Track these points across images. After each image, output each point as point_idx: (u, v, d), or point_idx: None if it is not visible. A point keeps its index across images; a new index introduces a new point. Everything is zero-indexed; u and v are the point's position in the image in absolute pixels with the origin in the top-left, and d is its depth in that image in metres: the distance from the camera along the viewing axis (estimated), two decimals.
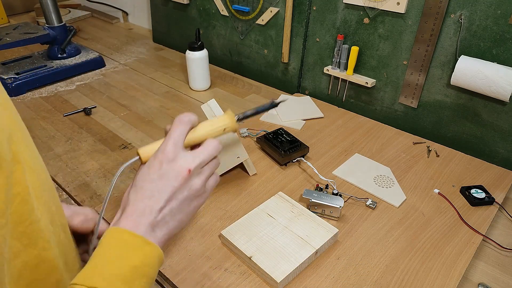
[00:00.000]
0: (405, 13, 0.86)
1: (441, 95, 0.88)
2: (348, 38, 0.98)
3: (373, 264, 0.60)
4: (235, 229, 0.62)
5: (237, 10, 1.18)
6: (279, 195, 0.70)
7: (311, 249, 0.59)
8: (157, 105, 1.09)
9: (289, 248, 0.59)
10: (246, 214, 0.66)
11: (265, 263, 0.57)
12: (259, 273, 0.58)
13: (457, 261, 0.61)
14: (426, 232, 0.66)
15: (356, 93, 1.03)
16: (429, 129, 0.93)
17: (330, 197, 0.68)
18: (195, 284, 0.56)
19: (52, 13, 1.22)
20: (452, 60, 0.84)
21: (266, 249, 0.59)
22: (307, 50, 1.08)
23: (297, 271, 0.58)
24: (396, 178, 0.78)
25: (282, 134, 0.85)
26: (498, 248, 0.65)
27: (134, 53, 1.44)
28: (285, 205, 0.68)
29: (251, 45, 1.21)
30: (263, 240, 0.61)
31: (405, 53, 0.90)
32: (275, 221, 0.64)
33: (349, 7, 0.95)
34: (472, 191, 0.73)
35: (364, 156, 0.85)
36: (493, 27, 0.76)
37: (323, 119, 1.00)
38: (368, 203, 0.71)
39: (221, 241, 0.63)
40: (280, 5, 1.07)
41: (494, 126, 0.83)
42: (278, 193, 0.71)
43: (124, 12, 1.73)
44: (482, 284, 0.59)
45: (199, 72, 1.14)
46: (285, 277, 0.55)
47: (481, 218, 0.69)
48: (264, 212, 0.66)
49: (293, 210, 0.67)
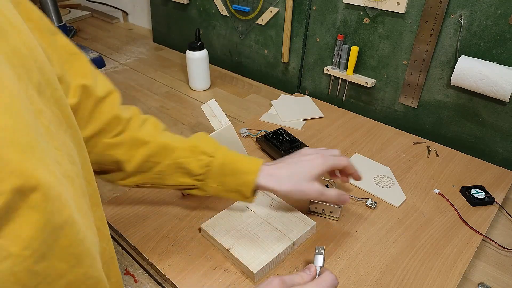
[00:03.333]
0: (405, 13, 0.86)
1: (441, 95, 0.88)
2: (348, 38, 0.98)
3: (373, 264, 0.60)
4: (214, 223, 0.64)
5: (237, 10, 1.18)
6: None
7: (288, 241, 0.60)
8: (157, 105, 1.09)
9: (267, 240, 0.61)
10: (225, 208, 0.67)
11: (242, 255, 0.58)
12: (237, 265, 0.59)
13: (457, 261, 0.61)
14: (426, 232, 0.66)
15: (356, 93, 1.03)
16: (429, 129, 0.93)
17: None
18: (195, 284, 0.56)
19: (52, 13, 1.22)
20: (452, 60, 0.84)
21: (245, 242, 0.60)
22: (307, 50, 1.08)
23: (274, 263, 0.58)
24: (396, 178, 0.78)
25: (282, 134, 0.85)
26: (498, 248, 0.65)
27: (134, 53, 1.44)
28: (265, 199, 0.69)
29: (251, 45, 1.21)
30: (242, 233, 0.62)
31: (405, 53, 0.90)
32: (255, 214, 0.66)
33: (349, 7, 0.95)
34: (472, 191, 0.73)
35: (364, 156, 0.85)
36: (493, 27, 0.76)
37: (323, 119, 1.00)
38: (368, 203, 0.71)
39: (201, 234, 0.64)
40: (280, 5, 1.07)
41: (494, 126, 0.83)
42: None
43: (124, 12, 1.73)
44: (482, 284, 0.59)
45: (199, 72, 1.14)
46: (262, 268, 0.56)
47: (481, 218, 0.69)
48: (244, 206, 0.67)
49: (273, 203, 0.68)
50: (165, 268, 0.59)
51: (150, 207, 0.70)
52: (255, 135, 0.91)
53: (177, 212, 0.69)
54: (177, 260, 0.60)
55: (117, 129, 0.56)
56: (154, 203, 0.71)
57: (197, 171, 0.58)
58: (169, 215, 0.68)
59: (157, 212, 0.69)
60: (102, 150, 0.56)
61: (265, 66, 1.20)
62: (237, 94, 1.17)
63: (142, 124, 0.59)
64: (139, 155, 0.57)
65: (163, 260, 0.60)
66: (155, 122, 0.61)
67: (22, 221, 0.25)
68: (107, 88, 0.55)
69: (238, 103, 1.11)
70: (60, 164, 0.30)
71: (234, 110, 1.07)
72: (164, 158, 0.58)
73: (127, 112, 0.58)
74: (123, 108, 0.57)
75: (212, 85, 1.21)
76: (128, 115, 0.57)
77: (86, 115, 0.52)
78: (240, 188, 0.59)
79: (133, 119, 0.58)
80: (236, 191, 0.59)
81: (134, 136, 0.57)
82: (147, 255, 0.60)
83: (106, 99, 0.54)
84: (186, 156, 0.58)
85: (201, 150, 0.58)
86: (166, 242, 0.63)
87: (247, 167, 0.59)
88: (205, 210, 0.69)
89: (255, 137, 0.90)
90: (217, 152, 0.59)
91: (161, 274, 0.58)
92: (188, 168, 0.58)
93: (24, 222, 0.25)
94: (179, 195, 0.73)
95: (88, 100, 0.52)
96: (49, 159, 0.28)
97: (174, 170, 0.58)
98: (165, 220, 0.67)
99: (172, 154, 0.58)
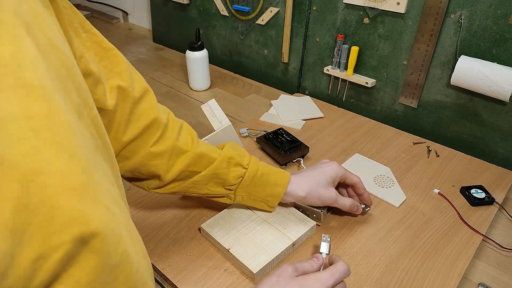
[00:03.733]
0: (405, 13, 0.86)
1: (441, 95, 0.88)
2: (348, 38, 0.98)
3: (373, 264, 0.60)
4: (214, 223, 0.64)
5: (237, 10, 1.18)
6: None
7: (288, 241, 0.61)
8: None
9: (266, 240, 0.61)
10: (225, 208, 0.67)
11: (242, 254, 0.58)
12: (237, 265, 0.59)
13: (457, 261, 0.61)
14: (426, 232, 0.66)
15: (356, 93, 1.03)
16: (429, 129, 0.93)
17: None
18: (195, 284, 0.56)
19: None
20: (452, 60, 0.84)
21: (244, 242, 0.60)
22: (307, 50, 1.08)
23: (273, 263, 0.59)
24: (396, 178, 0.78)
25: (282, 134, 0.85)
26: (498, 248, 0.65)
27: (134, 53, 1.44)
28: None
29: (251, 45, 1.21)
30: (242, 233, 0.62)
31: (405, 53, 0.90)
32: (255, 214, 0.66)
33: (349, 7, 0.95)
34: (472, 191, 0.73)
35: (364, 156, 0.85)
36: (493, 27, 0.76)
37: (323, 119, 1.00)
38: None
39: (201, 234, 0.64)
40: (280, 5, 1.07)
41: (494, 126, 0.83)
42: None
43: (124, 12, 1.73)
44: (482, 284, 0.59)
45: (199, 72, 1.14)
46: (262, 268, 0.56)
47: (481, 218, 0.69)
48: (244, 206, 0.67)
49: None
50: (165, 268, 0.59)
51: (150, 207, 0.70)
52: (255, 135, 0.91)
53: (177, 212, 0.69)
54: (177, 260, 0.60)
55: (157, 134, 0.54)
56: (154, 203, 0.71)
57: (232, 182, 0.59)
58: (169, 215, 0.68)
59: (157, 212, 0.69)
60: (143, 159, 0.54)
61: (265, 66, 1.20)
62: (237, 94, 1.17)
63: (179, 131, 0.57)
64: (178, 165, 0.56)
65: (163, 260, 0.60)
66: (188, 128, 0.60)
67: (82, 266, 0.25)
68: (142, 86, 0.52)
69: (238, 103, 1.11)
70: (110, 192, 0.28)
71: (234, 110, 1.07)
72: (202, 168, 0.57)
73: (163, 115, 0.55)
74: (160, 108, 0.55)
75: (212, 85, 1.21)
76: (165, 119, 0.55)
77: (125, 118, 0.50)
78: (268, 199, 0.62)
79: (170, 124, 0.56)
80: (263, 201, 0.62)
81: (174, 145, 0.55)
82: None
83: (142, 99, 0.52)
84: (223, 167, 0.58)
85: (236, 161, 0.59)
86: (166, 242, 0.63)
87: (278, 180, 0.61)
88: (205, 210, 0.69)
89: (255, 137, 0.90)
90: (251, 163, 0.60)
91: (161, 274, 0.58)
92: (224, 179, 0.58)
93: (83, 267, 0.25)
94: (179, 195, 0.73)
95: (125, 102, 0.50)
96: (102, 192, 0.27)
97: (209, 180, 0.58)
98: (165, 220, 0.67)
99: (210, 165, 0.57)
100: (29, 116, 0.23)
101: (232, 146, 0.61)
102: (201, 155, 0.57)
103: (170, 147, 0.55)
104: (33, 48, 0.25)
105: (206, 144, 0.60)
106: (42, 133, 0.23)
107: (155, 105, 0.54)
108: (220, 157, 0.58)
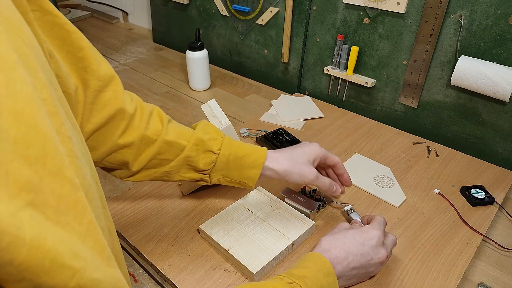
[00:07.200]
0: (405, 13, 0.86)
1: (441, 95, 0.88)
2: (348, 38, 0.98)
3: None
4: (213, 223, 0.64)
5: (237, 10, 1.18)
6: (258, 190, 0.71)
7: (287, 241, 0.61)
8: (157, 105, 1.07)
9: (266, 240, 0.61)
10: (224, 209, 0.67)
11: (241, 255, 0.58)
12: (236, 266, 0.59)
13: (457, 261, 0.61)
14: (426, 232, 0.66)
15: (356, 93, 1.03)
16: (429, 129, 0.93)
17: (308, 201, 0.68)
18: (195, 284, 0.56)
19: None
20: (452, 60, 0.84)
21: (243, 242, 0.60)
22: (307, 50, 1.08)
23: (273, 263, 0.59)
24: (396, 178, 0.78)
25: (282, 134, 0.85)
26: (498, 248, 0.65)
27: (134, 53, 1.44)
28: (264, 199, 0.69)
29: (251, 45, 1.21)
30: (241, 233, 0.62)
31: (405, 53, 0.90)
32: (253, 214, 0.66)
33: (349, 7, 0.95)
34: (472, 191, 0.73)
35: (364, 156, 0.85)
36: (493, 27, 0.76)
37: (323, 119, 1.00)
38: (346, 208, 0.68)
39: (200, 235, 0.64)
40: (280, 5, 1.07)
41: (494, 126, 0.83)
42: (257, 188, 0.72)
43: (124, 12, 1.73)
44: (482, 284, 0.59)
45: (199, 72, 1.14)
46: (261, 268, 0.56)
47: (481, 218, 0.69)
48: (243, 206, 0.67)
49: (272, 204, 0.68)
50: (165, 268, 0.59)
51: (150, 207, 0.70)
52: (255, 135, 0.91)
53: (177, 212, 0.69)
54: (177, 260, 0.60)
55: (122, 124, 0.53)
56: (154, 203, 0.71)
57: (203, 168, 0.59)
58: (169, 215, 0.68)
59: (157, 212, 0.69)
60: (111, 150, 0.54)
61: (265, 66, 1.20)
62: (237, 94, 1.17)
63: (148, 118, 0.57)
64: (146, 154, 0.57)
65: (163, 260, 0.60)
66: (159, 114, 0.59)
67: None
68: (108, 74, 0.50)
69: (238, 103, 1.11)
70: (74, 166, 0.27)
71: (234, 110, 1.07)
72: (171, 156, 0.58)
73: (130, 104, 0.55)
74: (126, 98, 0.54)
75: (212, 85, 1.21)
76: (132, 108, 0.55)
77: (88, 107, 0.49)
78: (244, 181, 0.61)
79: (138, 112, 0.56)
80: (239, 183, 0.62)
81: (143, 135, 0.55)
82: (147, 255, 0.60)
83: (107, 87, 0.50)
84: (193, 155, 0.58)
85: (207, 147, 0.59)
86: (166, 242, 0.63)
87: (253, 161, 0.60)
88: (205, 210, 0.69)
89: (255, 137, 0.90)
90: (222, 147, 0.59)
91: (161, 274, 0.58)
92: (194, 166, 0.59)
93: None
94: (179, 195, 0.73)
95: (87, 89, 0.48)
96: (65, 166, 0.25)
97: (180, 168, 0.59)
98: (165, 220, 0.67)
99: (180, 153, 0.58)
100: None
101: (203, 128, 0.61)
102: (169, 143, 0.57)
103: (138, 138, 0.55)
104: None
105: (177, 128, 0.59)
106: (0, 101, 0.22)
107: (121, 94, 0.53)
108: (189, 144, 0.58)
